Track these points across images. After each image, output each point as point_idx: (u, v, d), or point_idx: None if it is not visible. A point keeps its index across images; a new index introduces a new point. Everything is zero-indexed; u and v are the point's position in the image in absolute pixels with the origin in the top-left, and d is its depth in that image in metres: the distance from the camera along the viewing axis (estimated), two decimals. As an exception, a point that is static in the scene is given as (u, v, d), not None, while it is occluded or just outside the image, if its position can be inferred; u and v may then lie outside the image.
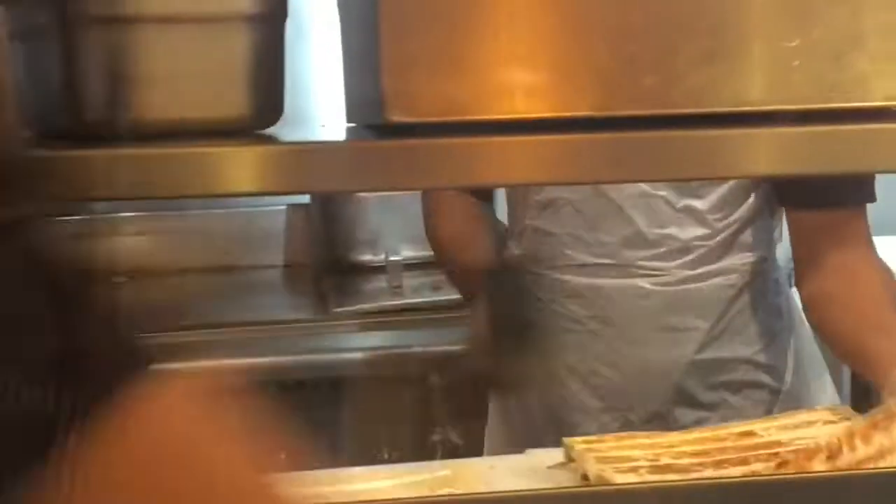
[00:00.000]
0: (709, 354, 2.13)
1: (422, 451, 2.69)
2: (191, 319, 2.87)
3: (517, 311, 2.23)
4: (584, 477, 1.69)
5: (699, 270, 2.13)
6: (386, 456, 2.71)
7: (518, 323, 2.22)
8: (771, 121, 1.09)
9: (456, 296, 2.57)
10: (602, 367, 2.15)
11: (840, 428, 1.79)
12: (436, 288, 2.82)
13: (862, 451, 1.67)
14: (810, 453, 1.69)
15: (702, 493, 1.35)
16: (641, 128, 1.07)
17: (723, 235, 2.12)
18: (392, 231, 3.03)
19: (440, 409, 2.72)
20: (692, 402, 2.14)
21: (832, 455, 1.64)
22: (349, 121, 1.20)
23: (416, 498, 1.31)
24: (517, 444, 2.14)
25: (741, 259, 2.15)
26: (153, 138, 1.04)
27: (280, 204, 3.34)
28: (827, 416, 1.84)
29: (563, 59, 1.06)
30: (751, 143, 1.09)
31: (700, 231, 2.11)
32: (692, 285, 2.13)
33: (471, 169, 1.02)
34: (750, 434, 1.80)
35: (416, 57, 1.03)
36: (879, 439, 1.69)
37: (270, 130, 1.12)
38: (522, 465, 1.81)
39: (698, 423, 2.08)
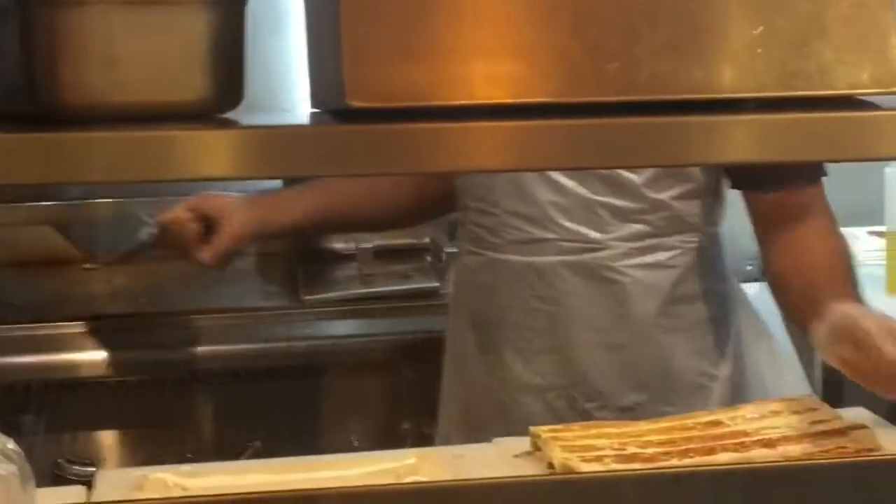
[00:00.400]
0: (653, 333, 2.16)
1: (391, 439, 2.68)
2: (162, 306, 2.86)
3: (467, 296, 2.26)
4: (550, 466, 1.69)
5: (639, 244, 2.14)
6: (356, 444, 2.71)
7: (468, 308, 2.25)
8: (734, 108, 1.09)
9: (427, 284, 2.58)
10: (545, 346, 2.17)
11: (806, 416, 1.80)
12: (406, 276, 2.81)
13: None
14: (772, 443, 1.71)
15: (667, 481, 1.34)
16: (604, 114, 1.06)
17: (662, 213, 2.14)
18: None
19: (410, 397, 2.72)
20: (634, 384, 2.16)
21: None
22: (313, 106, 1.19)
23: (381, 486, 1.30)
24: (468, 424, 2.18)
25: (684, 238, 2.17)
26: (113, 121, 1.03)
27: (252, 190, 3.32)
28: (793, 406, 1.84)
29: (526, 44, 1.05)
30: (713, 131, 1.08)
31: (635, 204, 2.13)
32: (635, 259, 2.14)
33: (431, 155, 1.01)
34: (716, 424, 1.81)
35: (376, 42, 1.02)
36: None
37: (233, 115, 1.11)
38: (489, 453, 1.81)
39: (639, 405, 2.11)
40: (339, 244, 3.05)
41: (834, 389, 2.98)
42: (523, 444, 1.81)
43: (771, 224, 2.16)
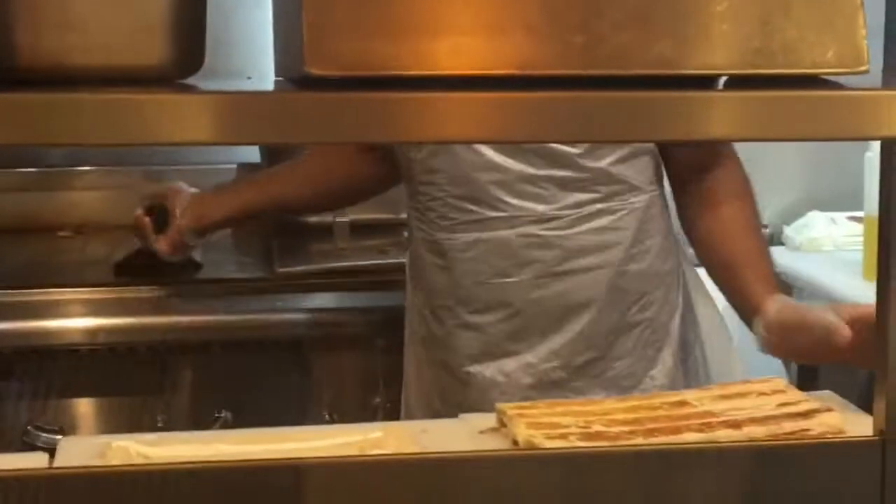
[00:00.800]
0: (607, 295, 2.20)
1: (364, 413, 2.68)
2: (136, 274, 2.85)
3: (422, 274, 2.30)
4: (515, 442, 1.69)
5: (586, 210, 2.18)
6: (327, 417, 2.70)
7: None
8: (699, 85, 1.08)
9: (402, 259, 2.57)
10: (502, 316, 2.20)
11: (773, 398, 1.80)
12: (382, 251, 2.81)
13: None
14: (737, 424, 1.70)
15: (628, 459, 1.34)
16: (567, 88, 1.06)
17: (602, 179, 2.18)
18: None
19: (383, 372, 2.71)
20: (588, 344, 2.22)
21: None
22: (277, 75, 1.18)
23: (341, 458, 1.29)
24: (430, 401, 2.22)
25: (629, 199, 2.20)
26: (72, 84, 1.02)
27: (230, 163, 3.32)
28: (760, 387, 1.84)
29: (490, 16, 1.04)
30: (679, 107, 1.08)
31: (576, 174, 2.17)
32: (584, 226, 2.18)
33: (388, 124, 1.00)
34: (683, 404, 1.80)
35: (338, 11, 1.01)
36: None
37: (195, 81, 1.10)
38: (455, 428, 1.80)
39: (589, 363, 2.16)
40: (314, 218, 3.04)
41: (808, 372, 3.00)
42: (489, 420, 1.80)
43: (683, 178, 2.26)
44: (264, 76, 1.14)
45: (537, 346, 2.22)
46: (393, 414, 2.68)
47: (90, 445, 1.70)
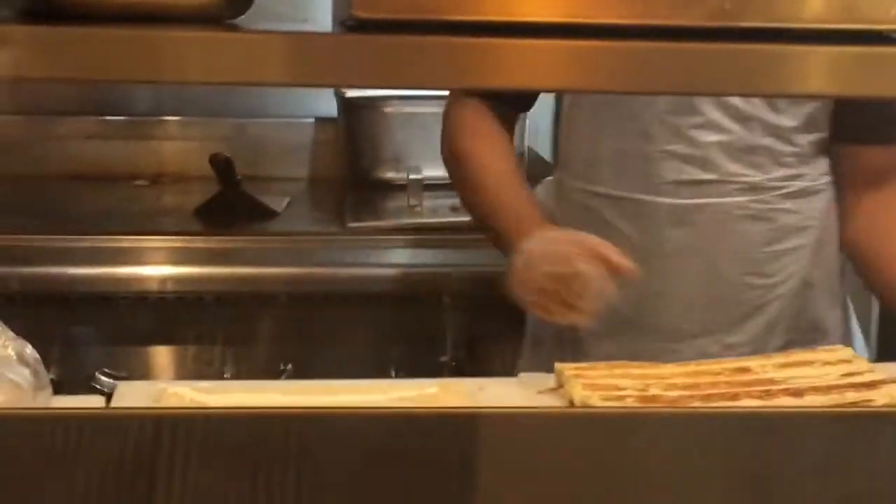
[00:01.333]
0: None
1: (430, 371, 2.67)
2: (210, 225, 2.86)
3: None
4: (571, 403, 1.67)
5: (794, 186, 2.10)
6: (393, 374, 2.69)
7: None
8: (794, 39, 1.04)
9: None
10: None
11: (838, 367, 1.76)
12: (454, 209, 2.78)
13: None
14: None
15: (678, 421, 1.32)
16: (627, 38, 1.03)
17: (808, 157, 2.10)
18: (415, 150, 3.00)
19: (451, 330, 2.70)
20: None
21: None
22: (334, 20, 1.17)
23: (376, 410, 1.28)
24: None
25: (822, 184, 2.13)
26: (121, 20, 1.02)
27: (308, 116, 3.32)
28: (826, 356, 1.80)
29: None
30: (784, 61, 1.04)
31: (789, 148, 2.09)
32: (790, 203, 2.11)
33: (436, 69, 0.99)
34: (744, 370, 1.77)
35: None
36: None
37: (242, 22, 1.08)
38: (513, 387, 1.79)
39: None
40: (389, 174, 3.03)
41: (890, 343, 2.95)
42: (550, 380, 1.79)
43: (860, 182, 2.12)
44: (317, 21, 1.12)
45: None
46: (459, 374, 2.67)
47: (146, 390, 1.71)
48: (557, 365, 1.78)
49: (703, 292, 2.10)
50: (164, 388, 1.69)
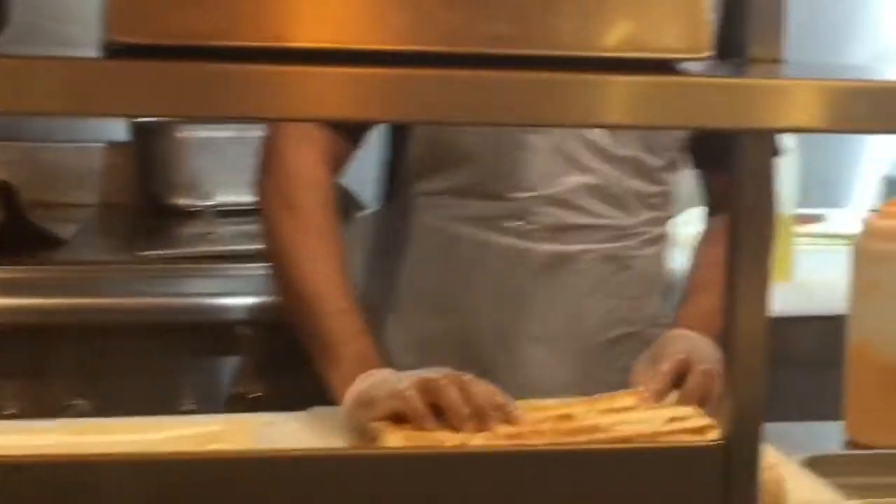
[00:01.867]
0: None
1: (226, 403, 2.59)
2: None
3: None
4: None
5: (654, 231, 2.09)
6: (183, 407, 2.61)
7: None
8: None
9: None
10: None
11: (664, 412, 1.72)
12: (251, 236, 2.71)
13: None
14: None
15: (480, 461, 1.27)
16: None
17: (667, 197, 2.08)
18: (209, 175, 2.92)
19: (247, 360, 2.63)
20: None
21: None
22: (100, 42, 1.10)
23: (143, 456, 1.21)
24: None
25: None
26: None
27: (98, 141, 3.22)
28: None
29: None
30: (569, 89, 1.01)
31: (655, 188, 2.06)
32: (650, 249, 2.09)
33: (204, 96, 0.93)
34: (568, 418, 1.71)
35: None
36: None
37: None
38: (304, 422, 1.73)
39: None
40: (182, 200, 2.95)
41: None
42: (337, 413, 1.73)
43: (717, 208, 2.10)
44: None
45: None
46: (255, 405, 2.60)
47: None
48: (372, 425, 1.69)
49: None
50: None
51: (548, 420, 1.70)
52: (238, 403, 2.60)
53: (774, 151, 1.18)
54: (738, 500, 1.15)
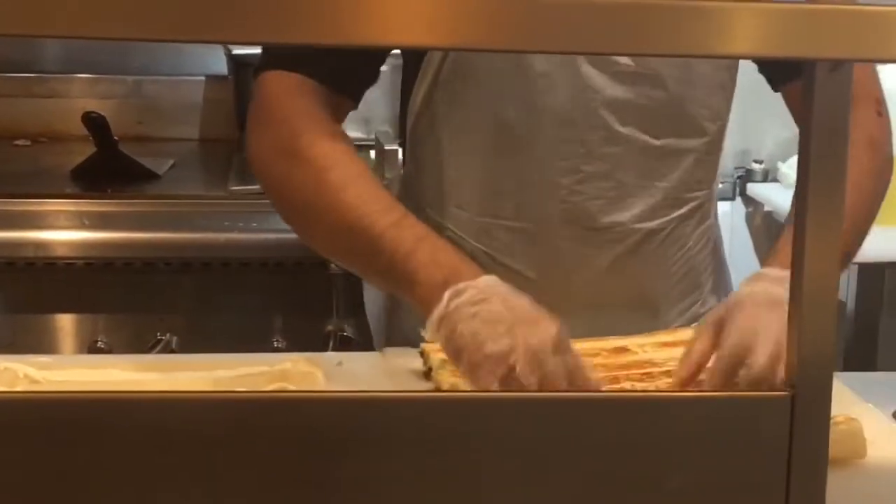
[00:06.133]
0: None
1: (314, 341, 2.56)
2: (85, 186, 2.74)
3: None
4: (439, 388, 1.55)
5: None
6: (276, 344, 2.59)
7: None
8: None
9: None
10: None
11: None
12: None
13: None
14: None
15: (545, 406, 1.22)
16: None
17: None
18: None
19: (338, 298, 2.59)
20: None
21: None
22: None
23: (194, 394, 1.17)
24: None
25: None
26: None
27: (199, 74, 3.20)
28: (708, 333, 1.70)
29: None
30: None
31: None
32: None
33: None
34: (623, 350, 1.66)
35: None
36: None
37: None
38: (374, 363, 1.68)
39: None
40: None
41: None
42: (413, 354, 1.68)
43: None
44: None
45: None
46: (345, 343, 2.57)
47: (-22, 365, 1.59)
48: (423, 346, 1.64)
49: None
50: (-2, 363, 1.58)
51: (602, 353, 1.64)
52: (328, 341, 2.58)
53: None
54: (805, 452, 1.08)
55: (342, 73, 1.74)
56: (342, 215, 1.62)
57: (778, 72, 1.86)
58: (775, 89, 1.89)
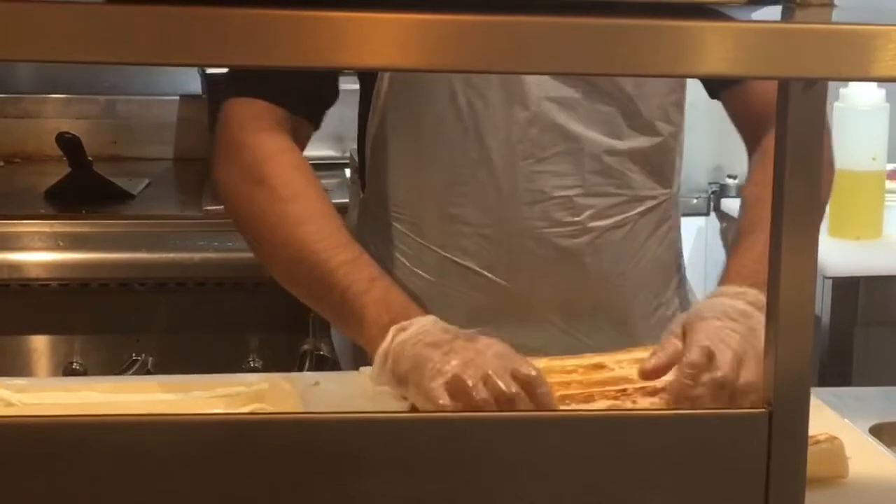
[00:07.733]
0: None
1: (290, 360, 2.56)
2: (58, 208, 2.73)
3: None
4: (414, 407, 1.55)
5: None
6: (252, 364, 2.58)
7: None
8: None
9: (342, 200, 2.44)
10: None
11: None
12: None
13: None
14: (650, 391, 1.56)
15: (514, 427, 1.22)
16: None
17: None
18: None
19: (314, 318, 2.59)
20: None
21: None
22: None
23: (166, 417, 1.17)
24: None
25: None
26: None
27: (173, 94, 3.20)
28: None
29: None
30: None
31: None
32: None
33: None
34: (599, 367, 1.66)
35: None
36: None
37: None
38: (350, 383, 1.68)
39: None
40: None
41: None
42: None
43: (748, 128, 1.89)
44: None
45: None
46: (321, 361, 2.57)
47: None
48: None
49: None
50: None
51: (578, 370, 1.64)
52: (304, 360, 2.57)
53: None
54: (783, 469, 1.09)
55: (301, 95, 1.76)
56: (299, 249, 1.67)
57: (712, 80, 1.89)
58: (713, 97, 1.92)
